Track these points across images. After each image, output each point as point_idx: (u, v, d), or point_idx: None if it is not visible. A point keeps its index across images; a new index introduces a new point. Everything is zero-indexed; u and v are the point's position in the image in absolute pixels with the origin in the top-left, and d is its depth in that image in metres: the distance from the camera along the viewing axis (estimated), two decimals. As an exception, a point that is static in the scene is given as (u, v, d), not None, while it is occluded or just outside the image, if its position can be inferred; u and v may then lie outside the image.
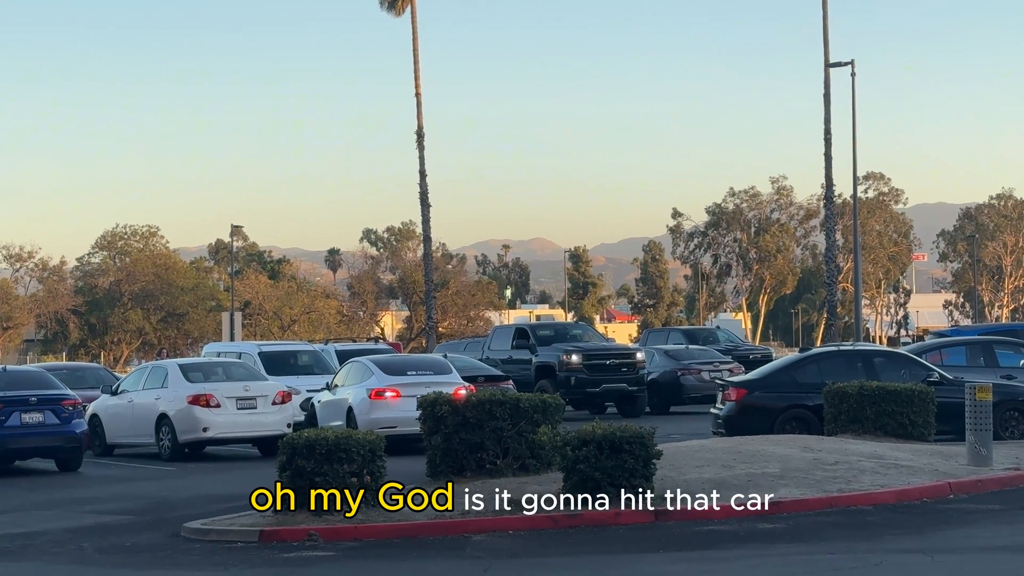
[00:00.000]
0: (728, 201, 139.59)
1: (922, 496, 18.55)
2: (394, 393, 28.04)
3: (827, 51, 58.28)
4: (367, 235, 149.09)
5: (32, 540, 17.51)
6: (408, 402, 26.56)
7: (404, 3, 65.08)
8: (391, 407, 27.92)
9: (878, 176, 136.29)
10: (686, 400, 41.17)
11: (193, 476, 25.81)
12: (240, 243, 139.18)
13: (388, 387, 28.18)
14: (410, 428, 25.37)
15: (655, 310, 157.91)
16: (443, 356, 33.80)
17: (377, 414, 27.69)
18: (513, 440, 19.78)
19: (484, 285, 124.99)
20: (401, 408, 27.47)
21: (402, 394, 27.81)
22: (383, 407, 28.02)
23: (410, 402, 26.35)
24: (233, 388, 29.66)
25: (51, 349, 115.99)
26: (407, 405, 26.53)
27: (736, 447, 21.77)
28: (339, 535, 16.41)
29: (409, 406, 26.23)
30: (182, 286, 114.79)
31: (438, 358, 31.81)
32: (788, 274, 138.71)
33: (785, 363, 27.69)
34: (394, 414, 27.72)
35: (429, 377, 28.25)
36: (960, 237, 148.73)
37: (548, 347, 40.09)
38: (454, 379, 28.49)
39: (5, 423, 26.56)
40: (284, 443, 17.39)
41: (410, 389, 27.43)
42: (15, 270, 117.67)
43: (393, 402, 28.02)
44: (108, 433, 30.99)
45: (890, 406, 23.84)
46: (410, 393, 26.98)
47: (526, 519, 16.81)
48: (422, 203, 65.96)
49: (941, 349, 31.09)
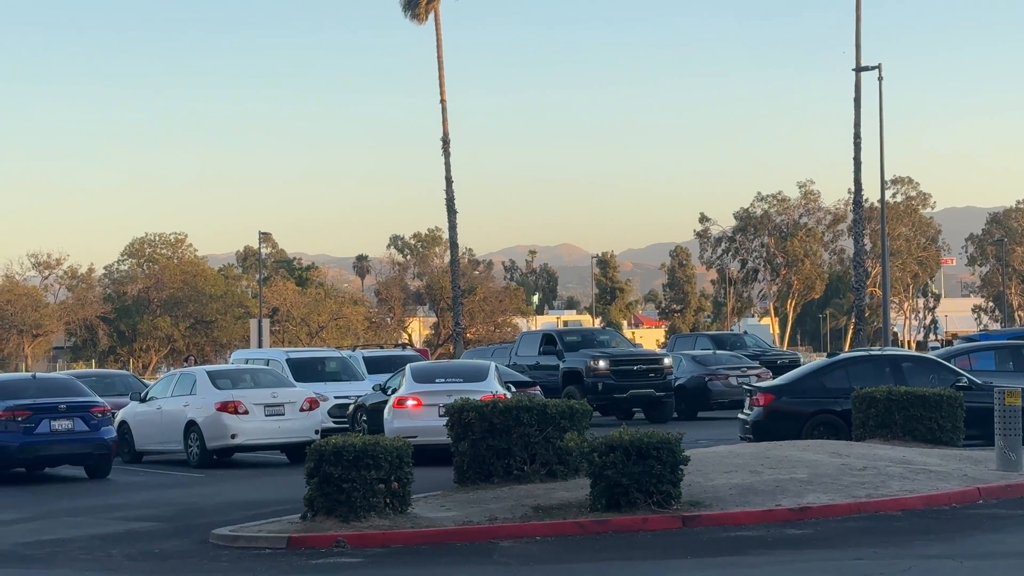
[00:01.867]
0: (756, 206, 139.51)
1: (951, 501, 18.47)
2: (415, 402, 27.14)
3: (858, 55, 58.15)
4: (394, 242, 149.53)
5: (61, 547, 17.58)
6: (430, 411, 26.20)
7: (428, 10, 65.22)
8: (412, 416, 26.95)
9: (906, 180, 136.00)
10: (713, 405, 41.13)
11: (221, 483, 25.87)
12: (268, 250, 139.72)
13: (411, 395, 27.34)
14: (430, 438, 25.05)
15: (682, 315, 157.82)
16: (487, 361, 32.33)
17: (398, 423, 26.73)
18: (540, 446, 19.79)
19: (511, 291, 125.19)
20: (422, 417, 26.61)
21: (424, 403, 26.90)
22: (403, 416, 27.07)
23: (432, 411, 26.14)
24: (261, 395, 29.72)
25: (80, 356, 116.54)
26: (428, 414, 26.22)
27: (764, 452, 21.72)
28: (367, 541, 16.43)
29: (431, 415, 26.02)
30: (210, 293, 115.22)
31: (477, 364, 30.60)
32: (816, 279, 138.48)
33: (813, 368, 27.58)
34: (414, 423, 26.55)
35: (457, 385, 27.07)
36: (989, 241, 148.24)
37: (575, 353, 40.05)
38: (485, 387, 26.99)
39: (35, 430, 26.67)
40: (312, 449, 17.42)
41: (432, 398, 26.71)
42: (44, 277, 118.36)
43: (414, 411, 27.06)
44: (137, 440, 31.11)
45: (918, 411, 23.74)
46: (432, 402, 26.46)
47: (553, 525, 16.80)
48: (449, 209, 66.07)
49: (970, 354, 30.91)
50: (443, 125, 65.70)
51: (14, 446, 26.54)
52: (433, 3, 65.07)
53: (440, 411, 26.22)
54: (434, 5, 65.11)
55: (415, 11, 65.22)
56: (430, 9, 65.12)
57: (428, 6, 65.03)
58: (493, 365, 29.52)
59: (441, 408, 26.19)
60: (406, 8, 65.61)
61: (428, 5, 65.03)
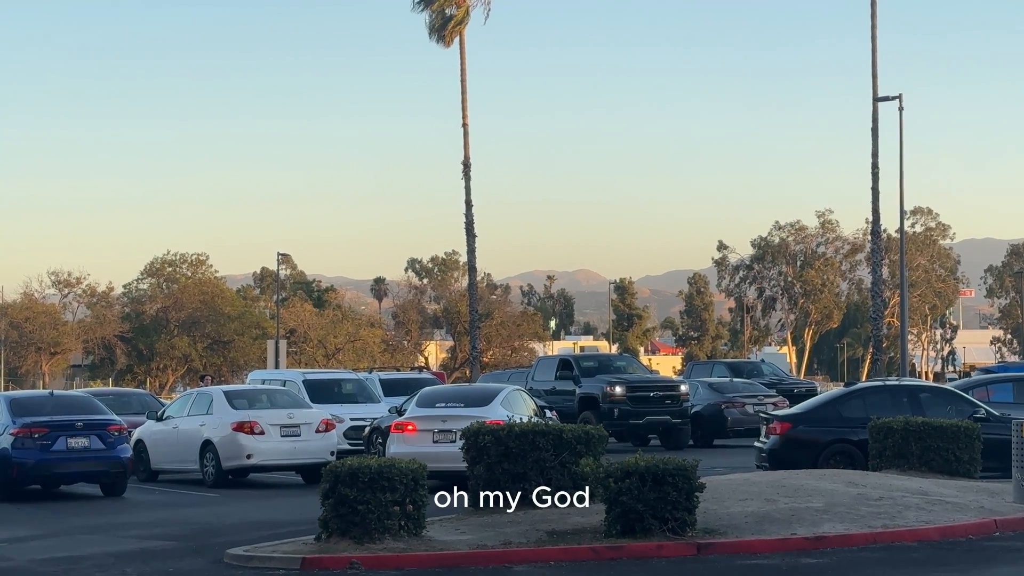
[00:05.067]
0: (774, 234, 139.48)
1: (967, 533, 18.40)
2: (411, 427, 26.42)
3: (875, 85, 58.02)
4: (412, 264, 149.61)
5: (76, 564, 17.60)
6: (424, 436, 25.74)
7: (454, 34, 65.32)
8: (407, 441, 26.14)
9: (925, 211, 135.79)
10: (730, 433, 41.07)
11: (236, 502, 25.88)
12: (287, 271, 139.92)
13: (408, 420, 26.72)
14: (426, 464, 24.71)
15: (699, 343, 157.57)
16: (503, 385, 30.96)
17: (393, 448, 26.06)
18: (556, 471, 19.76)
19: (528, 316, 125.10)
20: (416, 442, 25.80)
21: (418, 428, 26.20)
22: (399, 441, 26.37)
23: (426, 436, 25.74)
24: (277, 415, 29.75)
25: (98, 374, 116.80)
26: (422, 439, 25.74)
27: (780, 481, 21.67)
28: (381, 563, 16.42)
29: (424, 440, 25.65)
30: (228, 314, 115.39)
31: (485, 388, 29.83)
32: (834, 308, 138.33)
33: (830, 397, 27.53)
34: (409, 448, 25.39)
35: (455, 410, 26.21)
36: (1008, 273, 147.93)
37: (592, 378, 40.05)
38: (486, 412, 25.79)
39: (51, 447, 26.74)
40: (327, 471, 17.43)
41: (426, 423, 26.07)
42: (63, 296, 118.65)
43: (410, 435, 26.26)
44: (153, 458, 31.15)
45: (936, 442, 23.68)
46: (426, 427, 25.92)
47: (568, 550, 16.78)
48: (468, 233, 66.06)
49: (988, 385, 30.84)
50: (464, 149, 65.75)
51: (30, 463, 26.61)
52: (460, 26, 65.18)
53: (433, 436, 25.97)
54: (460, 28, 65.23)
55: (442, 34, 65.33)
56: (456, 32, 65.22)
57: (454, 29, 65.15)
58: (509, 390, 28.68)
59: (435, 433, 26.02)
60: (432, 31, 65.71)
61: (455, 28, 65.17)
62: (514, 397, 28.07)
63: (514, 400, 27.87)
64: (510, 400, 27.70)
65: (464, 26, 65.48)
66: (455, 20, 65.19)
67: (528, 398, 29.08)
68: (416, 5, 65.83)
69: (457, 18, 65.25)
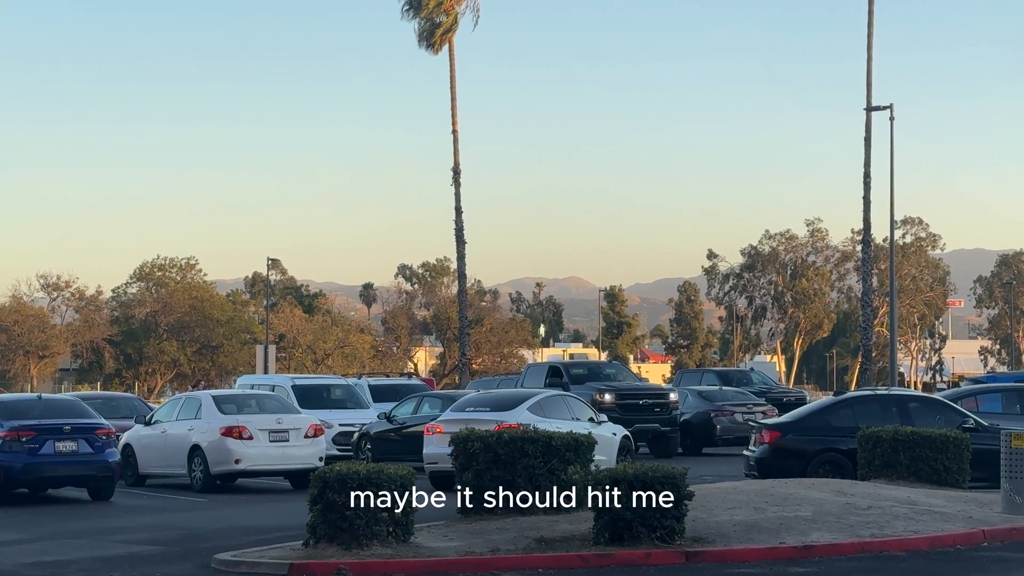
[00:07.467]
0: (764, 243, 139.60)
1: (955, 543, 18.42)
2: (439, 429, 27.31)
3: (869, 95, 58.16)
4: (402, 271, 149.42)
5: (63, 569, 17.55)
6: (446, 439, 25.99)
7: (443, 41, 65.40)
8: (434, 443, 27.10)
9: (915, 221, 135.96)
10: (719, 442, 41.09)
11: (224, 508, 25.84)
12: (277, 276, 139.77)
13: (437, 423, 27.72)
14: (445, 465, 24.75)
15: (689, 351, 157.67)
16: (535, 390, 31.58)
17: (426, 449, 27.23)
18: (544, 478, 19.74)
19: (518, 322, 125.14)
20: (440, 444, 26.24)
21: (444, 431, 26.73)
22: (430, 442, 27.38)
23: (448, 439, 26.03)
24: (266, 421, 29.71)
25: (86, 378, 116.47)
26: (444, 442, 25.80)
27: (768, 490, 21.67)
28: (369, 570, 16.38)
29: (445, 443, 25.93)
30: (218, 318, 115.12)
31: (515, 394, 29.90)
32: (823, 317, 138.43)
33: (819, 407, 27.55)
34: (435, 450, 26.85)
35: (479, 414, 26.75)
36: (997, 283, 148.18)
37: (581, 386, 40.03)
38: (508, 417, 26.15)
39: (39, 451, 26.67)
40: (315, 476, 17.39)
41: (451, 426, 26.29)
42: (52, 299, 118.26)
43: (438, 438, 27.08)
44: (141, 463, 31.08)
45: (924, 452, 23.70)
46: (450, 430, 25.56)
47: (556, 558, 16.76)
48: (457, 240, 66.09)
49: (976, 395, 30.88)
50: (454, 155, 65.83)
51: (18, 467, 26.55)
52: (448, 34, 65.27)
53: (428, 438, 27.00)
54: (449, 36, 65.31)
55: (431, 41, 65.38)
56: (445, 40, 65.30)
57: (444, 36, 65.23)
58: (544, 395, 28.74)
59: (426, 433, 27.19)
60: (421, 38, 65.76)
61: (444, 36, 65.23)
62: (553, 402, 28.14)
63: (553, 405, 28.02)
64: (544, 405, 27.86)
65: (453, 33, 65.56)
66: (444, 27, 65.28)
67: (577, 403, 29.13)
68: (405, 13, 65.91)
69: (446, 25, 65.33)
